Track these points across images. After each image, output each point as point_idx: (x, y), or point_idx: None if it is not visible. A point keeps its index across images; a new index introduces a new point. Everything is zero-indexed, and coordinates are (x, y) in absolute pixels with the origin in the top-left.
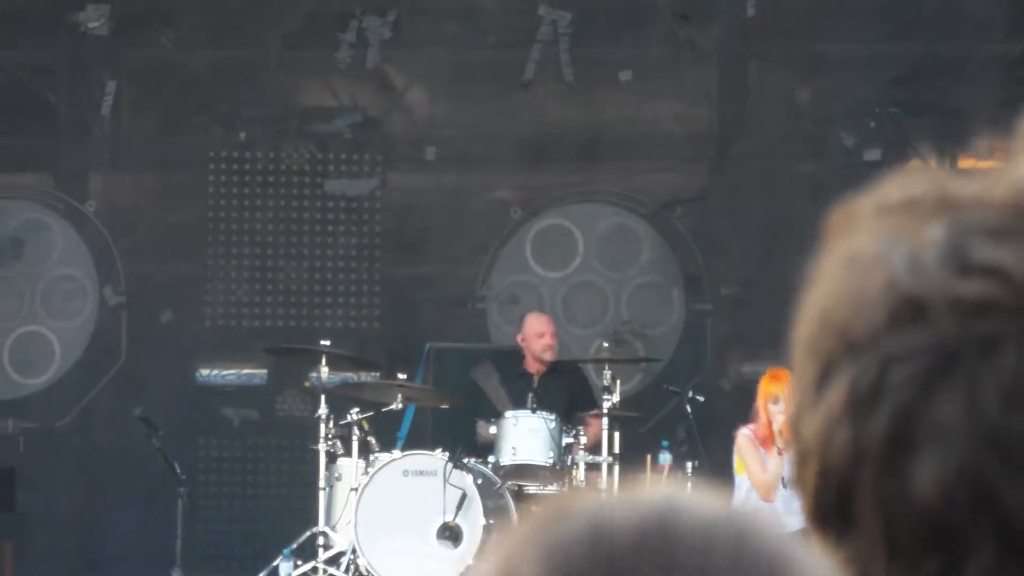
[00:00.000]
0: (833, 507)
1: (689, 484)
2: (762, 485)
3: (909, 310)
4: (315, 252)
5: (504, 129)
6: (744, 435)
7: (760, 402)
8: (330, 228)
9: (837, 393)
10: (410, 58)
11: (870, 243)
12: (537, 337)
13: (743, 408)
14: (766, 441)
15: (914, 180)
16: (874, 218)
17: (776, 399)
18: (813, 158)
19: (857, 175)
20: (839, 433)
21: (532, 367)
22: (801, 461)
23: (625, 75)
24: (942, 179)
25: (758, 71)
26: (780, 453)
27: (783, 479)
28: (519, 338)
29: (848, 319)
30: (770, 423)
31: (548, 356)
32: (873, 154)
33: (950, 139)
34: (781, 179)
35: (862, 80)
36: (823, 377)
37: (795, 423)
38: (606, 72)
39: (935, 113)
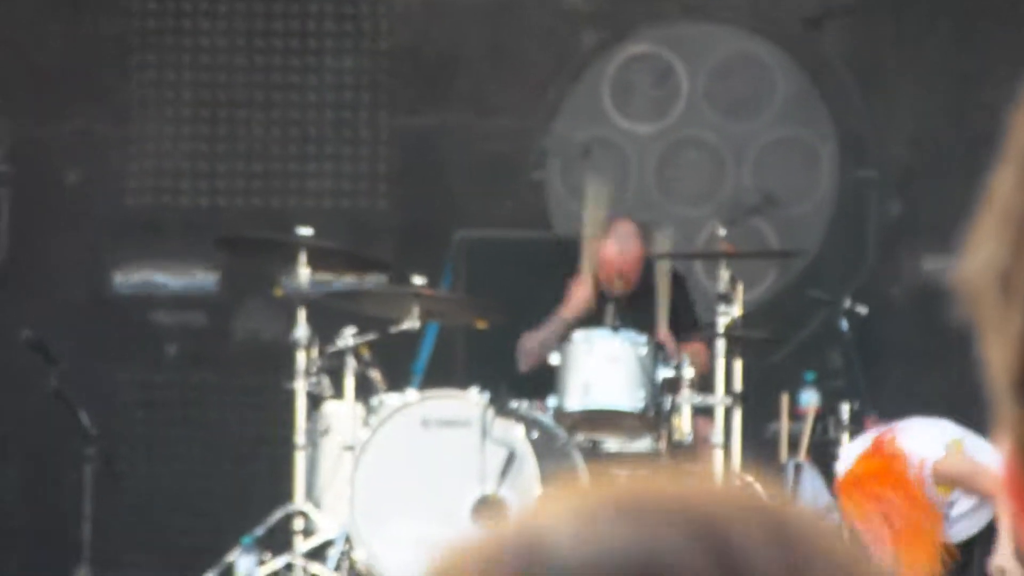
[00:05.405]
0: None
1: (846, 435)
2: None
3: None
4: (288, 93)
5: None
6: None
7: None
8: (312, 54)
9: None
10: None
11: None
12: (609, 270)
13: (921, 327)
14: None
15: None
16: None
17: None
18: None
19: None
20: None
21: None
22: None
23: None
24: None
25: None
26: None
27: None
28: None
29: None
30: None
31: (622, 287)
32: None
33: None
34: None
35: None
36: None
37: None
38: None
39: None
